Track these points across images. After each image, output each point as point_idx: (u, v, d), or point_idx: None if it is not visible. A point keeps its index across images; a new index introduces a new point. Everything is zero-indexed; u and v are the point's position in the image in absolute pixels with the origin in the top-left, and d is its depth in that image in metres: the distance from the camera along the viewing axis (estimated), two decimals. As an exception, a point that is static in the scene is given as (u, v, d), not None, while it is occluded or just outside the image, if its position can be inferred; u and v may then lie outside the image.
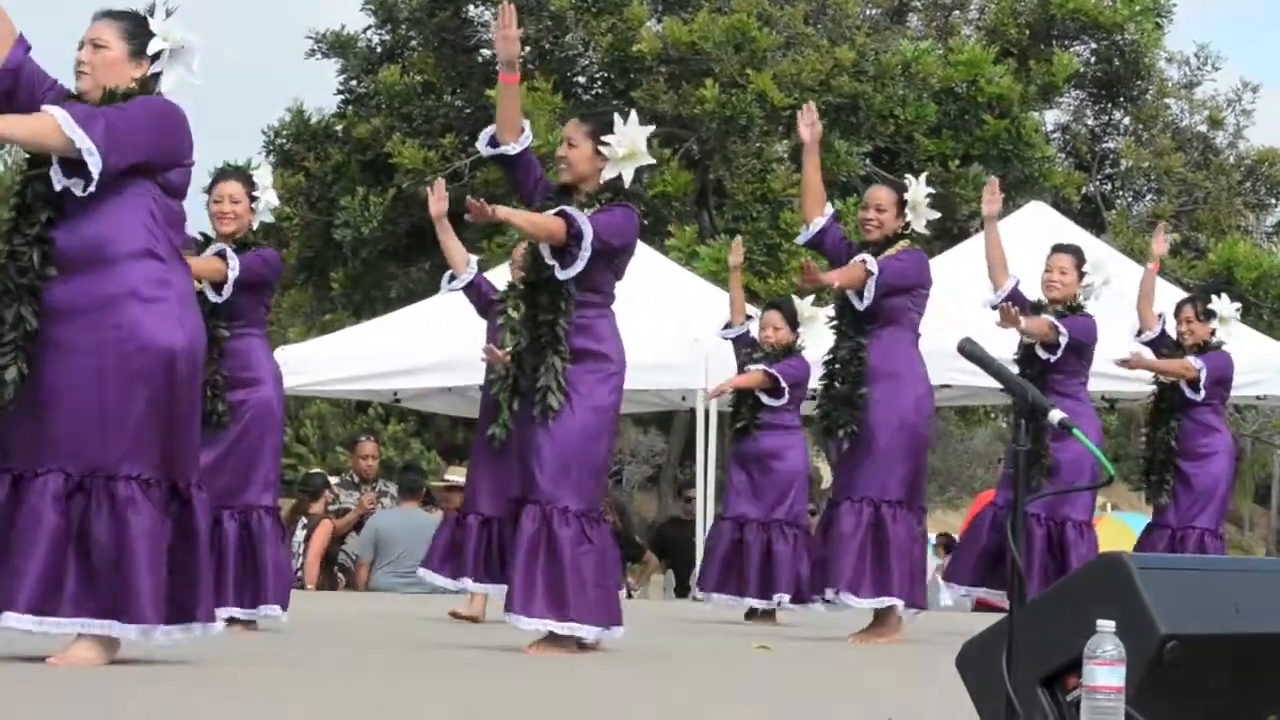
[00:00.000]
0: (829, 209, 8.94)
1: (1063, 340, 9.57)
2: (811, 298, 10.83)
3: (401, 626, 9.38)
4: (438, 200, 9.58)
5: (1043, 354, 9.63)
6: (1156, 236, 10.82)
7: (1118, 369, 10.36)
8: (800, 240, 9.08)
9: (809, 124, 8.81)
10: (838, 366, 8.88)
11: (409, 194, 19.69)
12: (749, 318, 11.19)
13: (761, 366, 10.77)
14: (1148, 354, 10.42)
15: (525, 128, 7.22)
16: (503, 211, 7.06)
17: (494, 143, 7.20)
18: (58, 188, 5.66)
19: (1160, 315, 10.57)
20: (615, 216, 7.14)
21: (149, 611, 5.54)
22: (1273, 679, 4.39)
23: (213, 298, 7.92)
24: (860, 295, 8.71)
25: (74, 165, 5.62)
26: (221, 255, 8.01)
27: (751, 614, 11.10)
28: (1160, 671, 3.96)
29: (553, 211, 7.08)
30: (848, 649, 8.56)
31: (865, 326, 8.80)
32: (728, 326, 11.23)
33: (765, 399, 10.78)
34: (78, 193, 5.63)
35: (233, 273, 7.97)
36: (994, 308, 9.58)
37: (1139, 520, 13.70)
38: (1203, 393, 10.29)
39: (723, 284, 17.31)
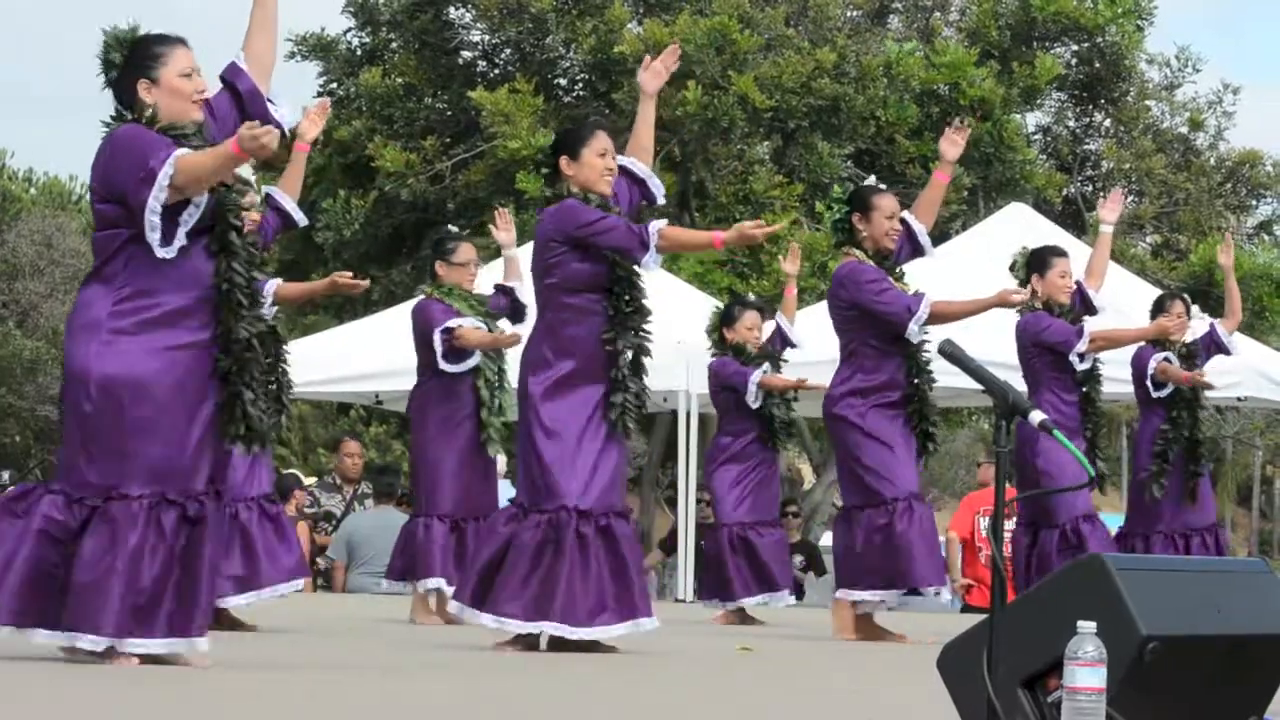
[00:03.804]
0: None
1: None
2: None
3: (372, 628, 9.37)
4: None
5: None
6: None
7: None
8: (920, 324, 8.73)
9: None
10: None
11: (390, 196, 19.67)
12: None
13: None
14: None
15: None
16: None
17: None
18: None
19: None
20: None
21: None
22: (1253, 679, 4.39)
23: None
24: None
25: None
26: None
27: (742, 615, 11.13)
28: (1141, 672, 3.97)
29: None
30: (830, 649, 8.55)
31: None
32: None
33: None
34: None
35: None
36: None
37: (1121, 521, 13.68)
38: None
39: (705, 285, 17.33)
